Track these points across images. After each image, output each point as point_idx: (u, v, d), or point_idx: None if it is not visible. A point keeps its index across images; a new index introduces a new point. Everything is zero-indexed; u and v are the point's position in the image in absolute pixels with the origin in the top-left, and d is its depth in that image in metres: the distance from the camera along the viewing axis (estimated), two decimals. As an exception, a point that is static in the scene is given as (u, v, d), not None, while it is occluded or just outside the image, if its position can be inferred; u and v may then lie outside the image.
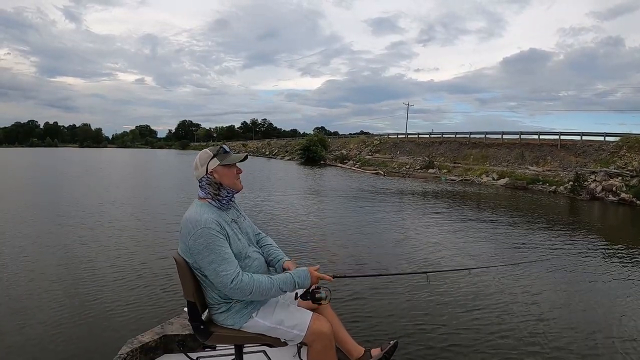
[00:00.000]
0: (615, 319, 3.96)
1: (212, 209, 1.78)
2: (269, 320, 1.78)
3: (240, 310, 1.78)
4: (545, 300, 4.42)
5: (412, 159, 29.52)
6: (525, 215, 11.19)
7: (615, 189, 16.88)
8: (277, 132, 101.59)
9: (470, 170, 24.10)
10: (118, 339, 2.97)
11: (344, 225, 8.42)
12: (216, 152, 1.84)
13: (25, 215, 8.56)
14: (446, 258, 6.07)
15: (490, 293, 4.57)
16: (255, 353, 2.06)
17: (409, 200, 13.57)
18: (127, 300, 4.01)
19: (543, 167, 22.12)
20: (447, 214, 10.58)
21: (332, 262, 5.60)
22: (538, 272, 5.44)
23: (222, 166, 1.82)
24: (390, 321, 3.76)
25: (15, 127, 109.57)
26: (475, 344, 3.35)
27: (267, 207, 10.49)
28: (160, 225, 7.75)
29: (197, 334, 1.81)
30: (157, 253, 5.76)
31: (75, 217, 8.39)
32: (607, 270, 5.72)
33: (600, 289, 4.91)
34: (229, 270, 1.65)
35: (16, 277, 4.63)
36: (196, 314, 1.77)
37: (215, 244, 1.66)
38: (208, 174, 1.81)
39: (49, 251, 5.78)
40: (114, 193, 12.97)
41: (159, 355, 2.26)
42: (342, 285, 4.42)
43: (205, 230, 1.66)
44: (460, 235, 7.88)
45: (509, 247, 7.03)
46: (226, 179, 1.82)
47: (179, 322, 2.44)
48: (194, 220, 1.70)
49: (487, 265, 5.60)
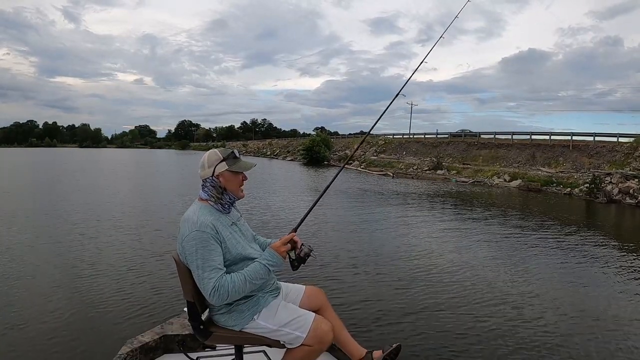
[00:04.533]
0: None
1: (211, 211, 1.74)
2: (271, 322, 1.75)
3: (242, 312, 1.75)
4: (559, 307, 4.28)
5: (419, 160, 29.04)
6: (543, 219, 10.73)
7: (633, 192, 16.45)
8: (277, 132, 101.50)
9: (481, 172, 23.61)
10: (118, 339, 2.99)
11: (356, 227, 8.02)
12: (226, 156, 1.78)
13: (23, 215, 8.43)
14: (460, 262, 5.75)
15: (501, 297, 4.46)
16: (255, 353, 2.06)
17: (421, 204, 13.08)
18: (127, 300, 4.01)
19: (556, 169, 21.64)
20: (460, 218, 10.16)
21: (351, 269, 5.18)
22: (555, 279, 5.25)
23: (229, 172, 1.77)
24: (393, 323, 3.72)
25: (15, 127, 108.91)
26: (481, 349, 3.29)
27: (276, 210, 10.04)
28: (161, 225, 7.70)
29: (196, 334, 1.80)
30: (157, 253, 5.74)
31: (74, 217, 8.25)
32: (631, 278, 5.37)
33: (622, 298, 4.63)
34: (211, 277, 1.61)
35: (16, 277, 4.59)
36: (196, 314, 1.76)
37: (205, 249, 1.62)
38: (214, 176, 1.76)
39: (49, 251, 5.74)
40: (113, 193, 12.86)
41: (159, 355, 2.25)
42: (345, 286, 4.59)
43: (199, 233, 1.63)
44: (472, 240, 7.47)
45: (523, 252, 6.68)
46: (230, 185, 1.78)
47: (179, 322, 2.43)
48: (191, 221, 1.67)
49: (500, 270, 5.48)
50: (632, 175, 17.61)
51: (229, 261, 1.72)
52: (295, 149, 46.21)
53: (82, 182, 16.57)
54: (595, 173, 18.79)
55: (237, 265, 1.74)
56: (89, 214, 8.75)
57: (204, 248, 1.62)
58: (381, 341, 3.23)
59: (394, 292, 4.51)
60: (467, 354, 3.18)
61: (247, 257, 1.77)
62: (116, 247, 6.00)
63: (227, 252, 1.71)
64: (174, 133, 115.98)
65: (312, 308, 1.92)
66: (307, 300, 1.97)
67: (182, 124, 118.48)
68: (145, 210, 9.61)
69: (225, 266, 1.70)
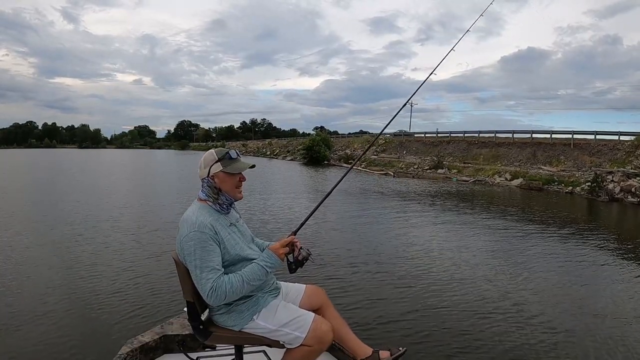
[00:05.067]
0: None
1: (210, 211, 1.73)
2: (270, 323, 1.74)
3: (241, 312, 1.74)
4: (561, 304, 4.25)
5: (419, 159, 28.95)
6: (544, 217, 10.64)
7: (635, 190, 16.36)
8: (276, 132, 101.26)
9: (482, 171, 23.50)
10: (118, 339, 2.99)
11: (357, 226, 7.95)
12: (221, 157, 1.76)
13: (23, 215, 8.40)
14: (460, 260, 5.67)
15: (503, 295, 4.43)
16: (255, 353, 2.06)
17: (422, 203, 12.98)
18: (127, 300, 4.00)
19: (557, 167, 21.54)
20: (461, 217, 10.06)
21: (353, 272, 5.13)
22: (557, 278, 5.21)
23: (224, 172, 1.75)
24: (394, 322, 3.71)
25: (14, 128, 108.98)
26: (482, 346, 3.27)
27: (275, 211, 9.99)
28: (160, 225, 7.68)
29: (196, 334, 1.80)
30: (157, 253, 5.71)
31: (74, 217, 8.20)
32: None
33: (623, 296, 4.62)
34: (209, 277, 1.60)
35: (15, 278, 4.59)
36: (196, 314, 1.76)
37: (204, 249, 1.62)
38: (209, 176, 1.75)
39: (49, 251, 5.71)
40: (113, 193, 12.79)
41: (159, 355, 2.25)
42: (346, 285, 4.59)
43: (198, 233, 1.62)
44: (475, 239, 7.39)
45: (524, 250, 6.60)
46: (226, 185, 1.76)
47: (179, 322, 2.43)
48: (190, 221, 1.67)
49: (501, 269, 5.46)
50: (634, 173, 17.51)
51: (227, 262, 1.71)
52: (295, 148, 46.10)
53: (81, 183, 16.49)
54: (597, 171, 18.70)
55: (235, 266, 1.72)
56: (88, 214, 8.69)
57: (203, 249, 1.61)
58: (382, 340, 3.22)
59: (395, 290, 4.50)
60: (469, 351, 3.17)
61: (245, 258, 1.76)
62: (116, 247, 5.98)
63: (226, 252, 1.70)
64: (173, 133, 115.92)
65: (312, 307, 1.92)
66: (307, 299, 1.96)
67: (182, 124, 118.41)
68: (145, 210, 9.56)
69: (224, 267, 1.68)
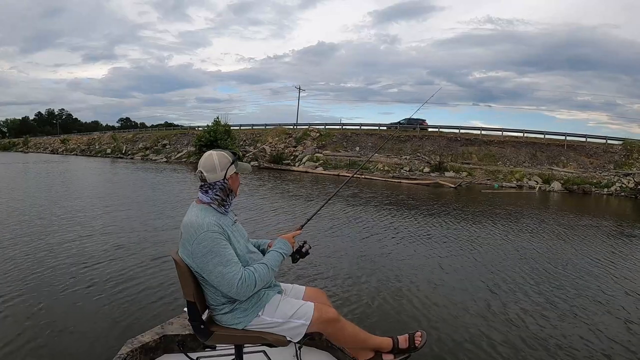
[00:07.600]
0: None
1: (213, 212, 1.76)
2: (276, 316, 1.78)
3: (245, 309, 1.77)
4: None
5: (401, 159, 24.98)
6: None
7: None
8: (79, 125, 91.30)
9: (498, 173, 21.85)
10: (118, 339, 2.94)
11: (360, 233, 7.61)
12: (234, 159, 1.83)
13: (13, 216, 8.00)
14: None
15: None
16: (255, 353, 2.06)
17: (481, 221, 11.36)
18: (127, 300, 3.91)
19: (566, 168, 21.92)
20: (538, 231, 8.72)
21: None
22: None
23: (236, 174, 1.85)
24: (395, 321, 3.67)
25: None
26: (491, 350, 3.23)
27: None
28: (160, 225, 7.50)
29: (197, 334, 1.81)
30: (157, 253, 5.53)
31: (73, 217, 8.01)
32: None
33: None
34: (233, 270, 1.65)
35: (15, 277, 4.46)
36: (196, 314, 1.76)
37: (219, 247, 1.66)
38: (225, 179, 1.79)
39: (47, 251, 5.53)
40: (110, 195, 12.23)
41: (159, 355, 2.23)
42: (347, 285, 4.54)
43: (208, 234, 1.66)
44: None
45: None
46: (235, 186, 1.85)
47: (179, 322, 2.40)
48: (196, 224, 1.68)
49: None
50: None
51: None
52: (173, 142, 34.26)
53: (81, 183, 15.25)
54: (620, 173, 19.78)
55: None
56: (86, 214, 8.37)
57: (218, 245, 1.66)
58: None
59: (397, 290, 4.45)
60: (475, 354, 3.13)
61: (247, 252, 1.83)
62: (115, 247, 5.78)
63: (233, 249, 1.73)
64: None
65: (311, 300, 1.95)
66: (307, 299, 1.97)
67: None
68: (145, 210, 9.30)
69: None
